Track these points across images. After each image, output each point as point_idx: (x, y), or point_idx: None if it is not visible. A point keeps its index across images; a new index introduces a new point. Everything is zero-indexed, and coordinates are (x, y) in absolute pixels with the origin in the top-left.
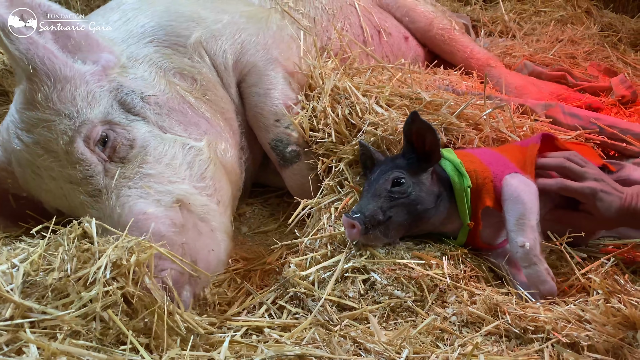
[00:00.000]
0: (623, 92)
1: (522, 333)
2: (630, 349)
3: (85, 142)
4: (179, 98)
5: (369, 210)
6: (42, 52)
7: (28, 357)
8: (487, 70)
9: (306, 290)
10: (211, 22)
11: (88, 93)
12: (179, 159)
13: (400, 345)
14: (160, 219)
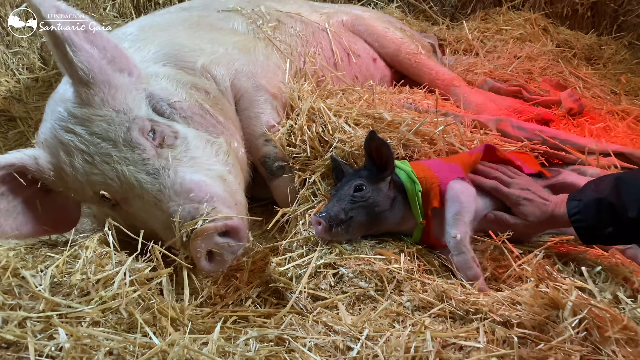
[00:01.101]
0: (571, 104)
1: (464, 314)
2: (553, 325)
3: (140, 132)
4: (198, 105)
5: (333, 211)
6: (98, 64)
7: (59, 340)
8: (451, 89)
9: (285, 284)
10: (209, 52)
11: (134, 97)
12: (208, 149)
13: (362, 326)
14: (211, 185)
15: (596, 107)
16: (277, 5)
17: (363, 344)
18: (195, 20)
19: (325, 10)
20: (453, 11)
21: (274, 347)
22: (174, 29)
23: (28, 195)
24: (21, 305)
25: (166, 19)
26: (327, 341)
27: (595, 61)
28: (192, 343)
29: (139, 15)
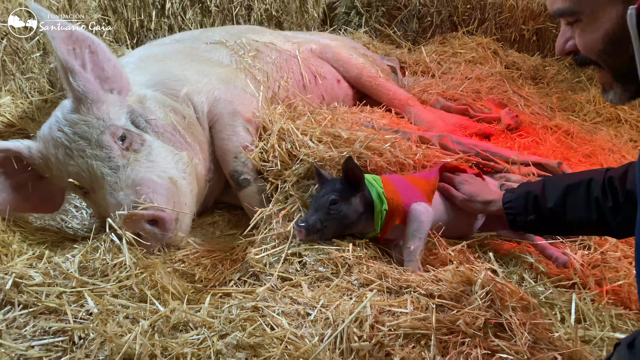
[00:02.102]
0: (509, 121)
1: (398, 289)
2: (466, 297)
3: (111, 135)
4: (172, 125)
5: (311, 221)
6: (91, 87)
7: (89, 307)
8: (406, 108)
9: (261, 269)
10: (194, 81)
11: (116, 110)
12: (169, 158)
13: (318, 298)
14: (159, 182)
15: (533, 122)
16: (255, 37)
17: (318, 311)
18: (187, 52)
19: (296, 40)
20: (415, 35)
21: (250, 313)
22: (168, 60)
23: (22, 178)
24: (57, 283)
25: (162, 50)
26: (291, 309)
27: (540, 80)
28: (188, 309)
29: (133, 40)
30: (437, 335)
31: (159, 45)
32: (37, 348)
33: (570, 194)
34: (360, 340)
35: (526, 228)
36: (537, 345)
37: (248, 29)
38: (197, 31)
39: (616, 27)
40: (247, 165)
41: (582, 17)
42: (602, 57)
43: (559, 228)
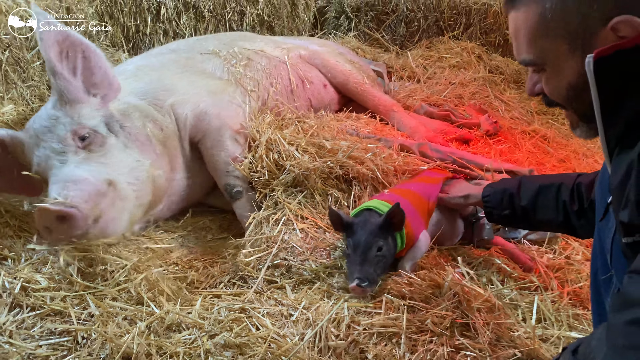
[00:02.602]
0: (487, 127)
1: (374, 293)
2: (435, 298)
3: (71, 133)
4: (145, 135)
5: (370, 277)
6: (71, 88)
7: (91, 310)
8: (390, 114)
9: (249, 272)
10: (182, 92)
11: (89, 112)
12: (126, 163)
13: (301, 299)
14: (90, 182)
15: (513, 127)
16: (247, 44)
17: (300, 312)
18: (183, 62)
19: (286, 46)
20: (402, 40)
21: (238, 314)
22: (164, 69)
23: (7, 163)
24: (62, 287)
25: (159, 60)
26: (276, 310)
27: (523, 84)
28: (181, 311)
29: (129, 44)
30: (407, 334)
31: (157, 54)
32: (45, 347)
33: (541, 195)
34: (337, 339)
35: (500, 221)
36: (499, 343)
37: (240, 36)
38: (191, 40)
39: (578, 76)
40: (238, 178)
41: (546, 67)
42: (567, 102)
43: (529, 224)
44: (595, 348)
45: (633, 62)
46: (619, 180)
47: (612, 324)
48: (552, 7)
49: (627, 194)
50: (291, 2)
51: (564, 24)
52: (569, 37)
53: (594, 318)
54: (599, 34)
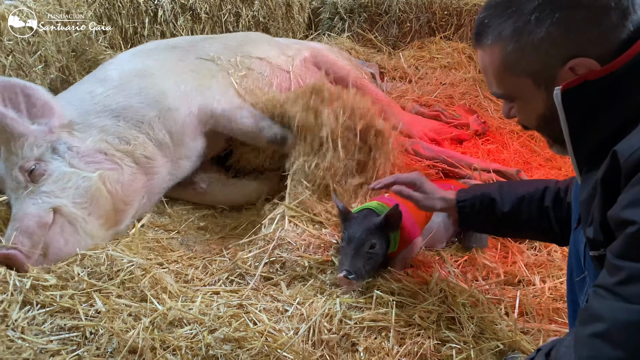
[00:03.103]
0: (476, 127)
1: (364, 289)
2: (422, 294)
3: (20, 169)
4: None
5: (358, 271)
6: (9, 122)
7: (97, 306)
8: (386, 109)
9: (246, 270)
10: (172, 98)
11: (33, 142)
12: (71, 183)
13: (295, 295)
14: (31, 217)
15: (501, 126)
16: (251, 49)
17: (295, 307)
18: (169, 64)
19: (290, 50)
20: (395, 40)
21: (236, 310)
22: (150, 74)
23: None
24: (69, 286)
25: (148, 62)
26: (272, 306)
27: None
28: (182, 307)
29: (127, 46)
30: (396, 328)
31: (152, 51)
32: (55, 342)
33: (524, 201)
34: (330, 332)
35: (475, 228)
36: (483, 335)
37: (245, 40)
38: (197, 38)
39: (546, 108)
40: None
41: (516, 100)
42: (538, 129)
43: (511, 231)
44: (564, 355)
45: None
46: (585, 196)
47: (578, 336)
48: (513, 50)
49: (592, 212)
50: (286, 4)
51: (525, 65)
52: (532, 75)
53: (569, 315)
54: (558, 72)
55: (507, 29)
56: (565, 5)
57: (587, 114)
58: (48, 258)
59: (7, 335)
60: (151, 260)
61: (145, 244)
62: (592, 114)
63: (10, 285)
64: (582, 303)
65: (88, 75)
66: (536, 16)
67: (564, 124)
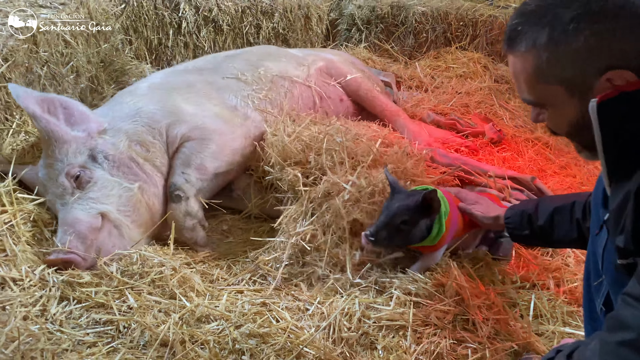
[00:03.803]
0: (492, 135)
1: (382, 289)
2: (438, 295)
3: (66, 176)
4: (130, 158)
5: (380, 235)
6: (54, 127)
7: (130, 302)
8: (395, 119)
9: (268, 271)
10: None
11: (75, 149)
12: (114, 191)
13: (315, 295)
14: (83, 222)
15: (516, 135)
16: (271, 64)
17: (316, 306)
18: (198, 86)
19: (307, 61)
20: (411, 50)
21: (260, 308)
22: (175, 91)
23: None
24: (102, 283)
25: (175, 81)
26: (293, 305)
27: None
28: (209, 305)
29: (152, 56)
30: (413, 327)
31: (180, 72)
32: (92, 335)
33: (557, 214)
34: (349, 331)
35: (522, 240)
36: (498, 337)
37: (264, 54)
38: (220, 57)
39: (578, 116)
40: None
41: (547, 107)
42: (569, 136)
43: (547, 242)
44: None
45: (631, 105)
46: (617, 204)
47: (605, 342)
48: (548, 58)
49: (623, 221)
50: (305, 16)
51: (559, 73)
52: (566, 84)
53: (585, 316)
54: (594, 83)
55: (542, 38)
56: (605, 16)
57: (621, 125)
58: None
59: (46, 327)
60: (179, 261)
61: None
62: (626, 125)
63: (50, 282)
64: (598, 306)
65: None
66: (574, 26)
67: (597, 134)
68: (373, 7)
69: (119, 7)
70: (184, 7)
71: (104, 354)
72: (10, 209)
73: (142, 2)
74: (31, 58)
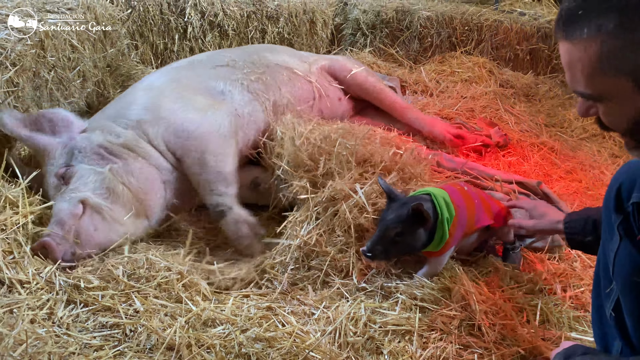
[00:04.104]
0: (497, 139)
1: (387, 294)
2: (444, 300)
3: (55, 176)
4: (102, 147)
5: (376, 251)
6: (39, 141)
7: (136, 306)
8: (406, 112)
9: (274, 275)
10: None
11: (61, 152)
12: (90, 178)
13: (321, 300)
14: (63, 210)
15: (522, 139)
16: (270, 55)
17: (321, 311)
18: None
19: (309, 59)
20: (416, 55)
21: (265, 312)
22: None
23: None
24: (109, 287)
25: (165, 79)
26: (299, 309)
27: (533, 97)
28: (215, 308)
29: (158, 61)
30: (419, 332)
31: (173, 69)
32: (99, 338)
33: None
34: (355, 335)
35: (581, 247)
36: (504, 342)
37: (266, 48)
38: (218, 51)
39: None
40: (221, 196)
41: (604, 101)
42: (627, 132)
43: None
44: None
45: None
46: None
47: None
48: (615, 47)
49: None
50: (310, 20)
51: (627, 64)
52: (635, 76)
53: (593, 320)
54: None
55: (609, 23)
56: None
57: None
58: (82, 244)
59: (53, 331)
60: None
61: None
62: None
63: (57, 285)
64: (607, 311)
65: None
66: None
67: None
68: (378, 12)
69: (126, 12)
70: (189, 12)
71: (111, 357)
72: (22, 211)
73: (148, 7)
74: (39, 63)
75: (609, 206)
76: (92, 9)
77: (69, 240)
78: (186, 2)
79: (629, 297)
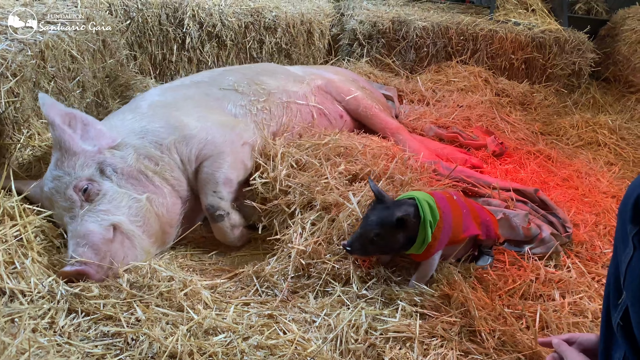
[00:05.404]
0: (494, 148)
1: (388, 301)
2: (444, 306)
3: (74, 189)
4: (138, 171)
5: (355, 246)
6: (66, 137)
7: (138, 315)
8: (396, 136)
9: (274, 283)
10: (189, 129)
11: (83, 162)
12: (124, 202)
13: (322, 307)
14: (96, 233)
15: (518, 147)
16: (268, 79)
17: (322, 318)
18: (197, 98)
19: (305, 79)
20: (412, 64)
21: (266, 320)
22: (175, 106)
23: None
24: (111, 296)
25: (175, 96)
26: (300, 317)
27: (528, 106)
28: (216, 317)
29: (156, 71)
30: (420, 339)
31: (178, 87)
32: (100, 347)
33: None
34: (356, 342)
35: None
36: (504, 348)
37: (262, 70)
38: (216, 72)
39: None
40: (223, 200)
41: None
42: None
43: None
44: None
45: None
46: None
47: None
48: None
49: None
50: (307, 31)
51: None
52: None
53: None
54: None
55: None
56: None
57: None
58: (112, 270)
59: (55, 340)
60: (187, 274)
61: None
62: None
63: (58, 294)
64: (615, 321)
65: (122, 107)
66: None
67: None
68: (374, 23)
69: (124, 23)
70: (188, 23)
71: None
72: (20, 222)
73: (147, 18)
74: (39, 73)
75: (625, 217)
76: (92, 19)
77: (104, 268)
78: (184, 13)
79: (638, 307)
